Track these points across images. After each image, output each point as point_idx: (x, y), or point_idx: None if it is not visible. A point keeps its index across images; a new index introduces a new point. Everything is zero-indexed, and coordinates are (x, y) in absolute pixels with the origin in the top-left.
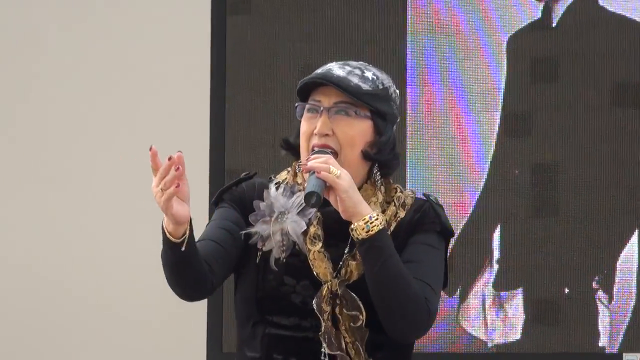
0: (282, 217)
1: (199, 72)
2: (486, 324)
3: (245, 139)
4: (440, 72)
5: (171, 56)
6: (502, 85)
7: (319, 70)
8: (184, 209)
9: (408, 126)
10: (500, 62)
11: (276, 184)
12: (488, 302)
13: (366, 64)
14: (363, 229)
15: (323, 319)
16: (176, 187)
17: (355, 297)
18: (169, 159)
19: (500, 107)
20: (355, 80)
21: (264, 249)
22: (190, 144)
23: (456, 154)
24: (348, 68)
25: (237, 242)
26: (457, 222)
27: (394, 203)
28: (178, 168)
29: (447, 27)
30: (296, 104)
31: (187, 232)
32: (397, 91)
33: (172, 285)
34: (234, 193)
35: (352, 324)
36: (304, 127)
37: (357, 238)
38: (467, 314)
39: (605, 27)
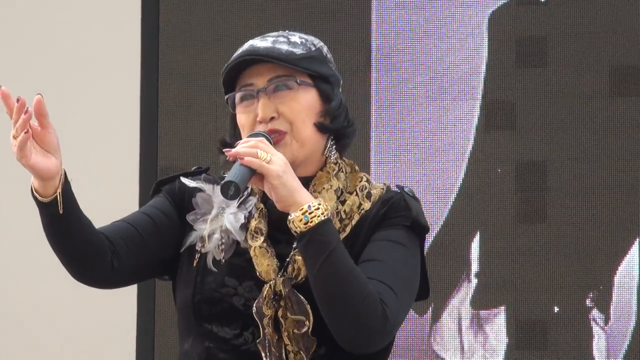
0: (222, 213)
1: (127, 56)
2: (462, 349)
3: (181, 134)
4: (411, 54)
5: (95, 38)
6: (483, 70)
7: (238, 52)
8: (48, 162)
9: (372, 117)
10: (480, 42)
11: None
12: (465, 323)
13: (288, 30)
14: (301, 220)
15: (262, 324)
16: (25, 133)
17: (303, 299)
18: (17, 100)
19: (479, 94)
20: (284, 47)
21: (203, 250)
22: (117, 140)
23: (428, 150)
24: (270, 38)
25: (162, 236)
26: (429, 229)
27: (357, 193)
28: (27, 111)
29: (419, 0)
30: (226, 97)
31: (60, 190)
32: (330, 53)
33: (59, 259)
34: (175, 186)
35: (296, 330)
36: (241, 119)
37: (295, 231)
38: (440, 337)
39: (603, 2)
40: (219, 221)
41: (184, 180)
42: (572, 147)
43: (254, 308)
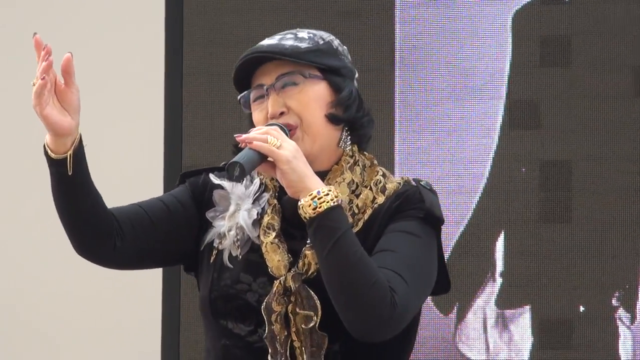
0: (239, 210)
1: (151, 52)
2: (488, 348)
3: (206, 133)
4: (434, 54)
5: (119, 37)
6: (506, 69)
7: (245, 52)
8: (62, 118)
9: (397, 116)
10: (504, 42)
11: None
12: (490, 322)
13: (298, 28)
14: (310, 205)
15: (270, 320)
16: (42, 79)
17: (313, 294)
18: (43, 48)
19: (504, 94)
20: (289, 42)
21: (220, 247)
22: (141, 137)
23: (452, 149)
24: (278, 36)
25: (174, 224)
26: (454, 228)
27: (371, 187)
28: (47, 59)
29: (442, 0)
30: (239, 97)
31: (71, 151)
32: (345, 47)
33: (63, 226)
34: (199, 180)
35: (303, 325)
36: (255, 117)
37: (305, 217)
38: (465, 336)
39: (627, 1)
40: (236, 218)
41: (209, 175)
42: (596, 147)
43: (264, 304)
